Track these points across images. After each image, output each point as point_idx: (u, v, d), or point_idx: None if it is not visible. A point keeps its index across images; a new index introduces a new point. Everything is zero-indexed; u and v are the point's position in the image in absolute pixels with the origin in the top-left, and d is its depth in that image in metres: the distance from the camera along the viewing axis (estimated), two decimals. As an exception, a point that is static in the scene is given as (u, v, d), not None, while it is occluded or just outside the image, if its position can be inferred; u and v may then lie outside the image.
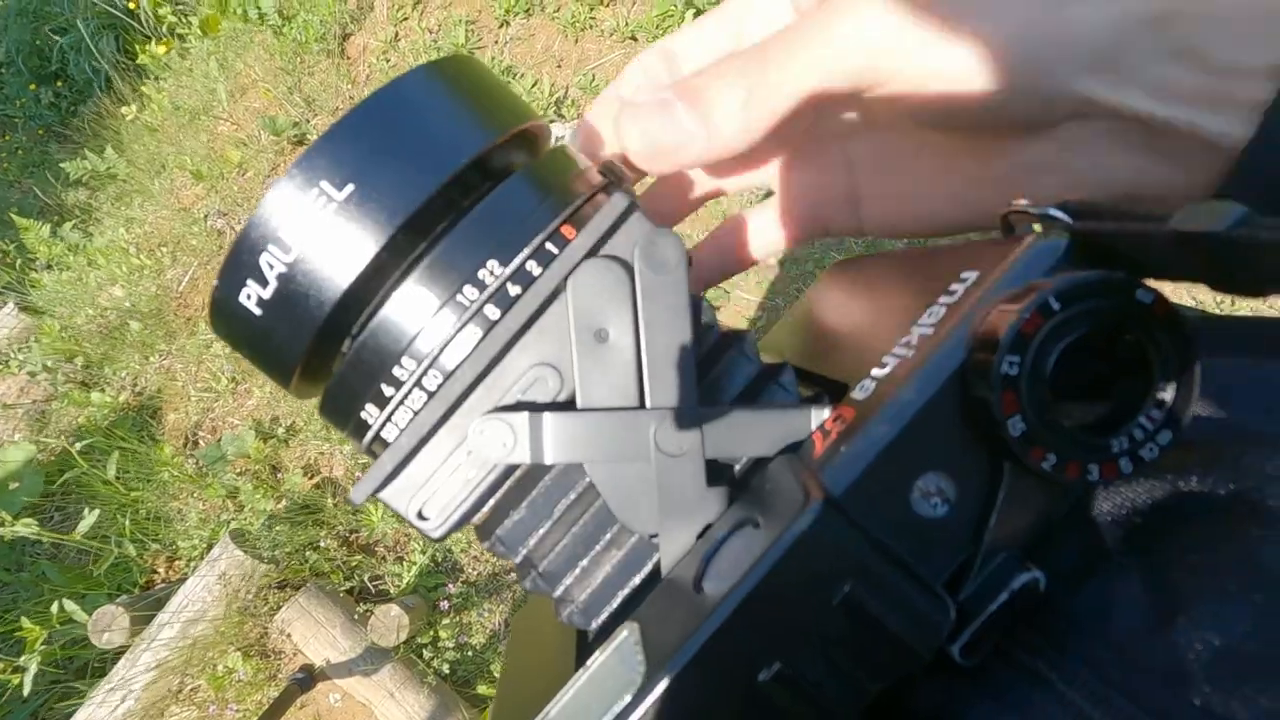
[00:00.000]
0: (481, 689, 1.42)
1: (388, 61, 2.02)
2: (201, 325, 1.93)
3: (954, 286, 0.20)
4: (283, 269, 0.21)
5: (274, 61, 2.13)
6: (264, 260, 0.21)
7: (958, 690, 0.20)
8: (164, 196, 2.13)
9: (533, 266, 0.22)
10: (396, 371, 0.22)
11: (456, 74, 0.24)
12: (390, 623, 1.38)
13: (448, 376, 0.22)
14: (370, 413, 0.23)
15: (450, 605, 1.49)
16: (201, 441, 1.82)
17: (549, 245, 0.22)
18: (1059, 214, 0.20)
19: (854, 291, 0.29)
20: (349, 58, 2.09)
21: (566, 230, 0.23)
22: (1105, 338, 0.18)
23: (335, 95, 2.04)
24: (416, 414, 0.22)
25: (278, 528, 1.57)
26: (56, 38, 2.57)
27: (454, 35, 1.95)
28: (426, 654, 1.46)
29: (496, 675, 1.42)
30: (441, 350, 0.22)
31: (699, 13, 1.82)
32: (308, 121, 2.04)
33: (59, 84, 2.62)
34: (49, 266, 2.15)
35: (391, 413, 0.23)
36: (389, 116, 0.22)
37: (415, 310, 0.22)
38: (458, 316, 0.22)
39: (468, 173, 0.22)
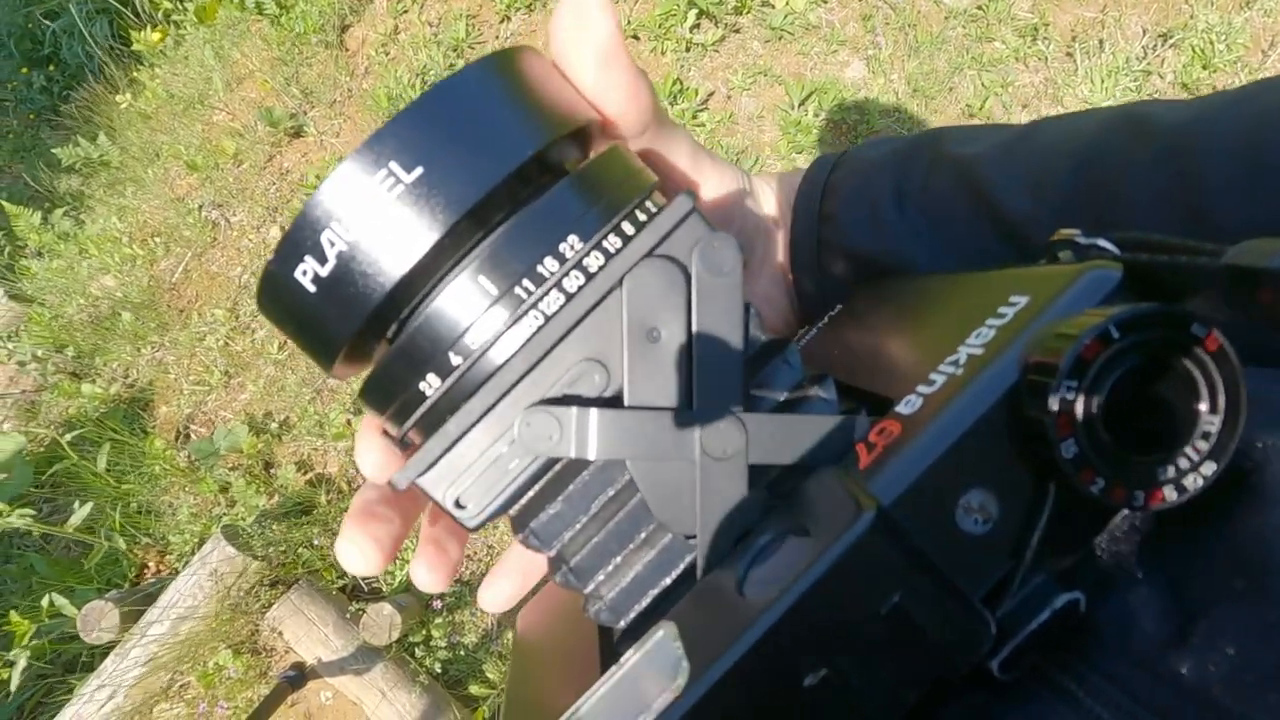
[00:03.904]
0: (474, 689, 1.42)
1: (387, 54, 2.01)
2: (195, 317, 1.91)
3: (1002, 309, 0.21)
4: (344, 247, 0.21)
5: (271, 52, 2.11)
6: (325, 237, 0.21)
7: (988, 705, 0.20)
8: (157, 185, 2.10)
9: (592, 262, 0.22)
10: (447, 358, 0.22)
11: (523, 66, 0.24)
12: (383, 621, 1.38)
13: (500, 365, 0.22)
14: (423, 388, 0.23)
15: (443, 605, 1.49)
16: (194, 435, 1.81)
17: (608, 242, 0.23)
18: (1107, 244, 0.21)
19: (889, 309, 0.29)
20: (348, 50, 2.07)
21: (626, 227, 0.23)
22: (1157, 367, 0.18)
23: (333, 87, 2.02)
24: (465, 401, 0.22)
25: (270, 524, 1.57)
26: (48, 22, 2.53)
27: (454, 29, 1.93)
28: (419, 653, 1.46)
29: (489, 675, 1.42)
30: (496, 339, 0.22)
31: (701, 13, 1.81)
32: (305, 113, 2.03)
33: (51, 68, 2.58)
34: (39, 254, 2.13)
35: (439, 398, 0.23)
36: (459, 103, 0.22)
37: (471, 299, 0.22)
38: (515, 306, 0.22)
39: (529, 165, 0.23)
